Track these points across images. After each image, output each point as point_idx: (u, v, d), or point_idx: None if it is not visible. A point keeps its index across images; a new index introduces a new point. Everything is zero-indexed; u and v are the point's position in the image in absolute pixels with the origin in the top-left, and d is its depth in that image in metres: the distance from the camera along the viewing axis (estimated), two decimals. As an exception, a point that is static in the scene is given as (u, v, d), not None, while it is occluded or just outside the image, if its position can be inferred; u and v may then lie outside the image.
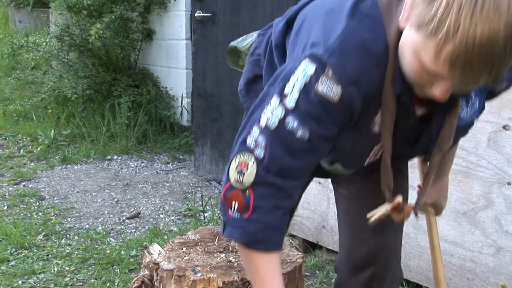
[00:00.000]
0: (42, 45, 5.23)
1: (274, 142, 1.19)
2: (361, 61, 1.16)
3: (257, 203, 1.21)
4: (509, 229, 1.97)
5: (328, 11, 1.23)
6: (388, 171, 1.32)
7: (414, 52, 1.06)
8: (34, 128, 5.02)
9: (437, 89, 1.08)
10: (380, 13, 1.17)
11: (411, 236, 2.27)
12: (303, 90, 1.17)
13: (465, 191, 2.07)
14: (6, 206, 3.53)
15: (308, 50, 1.18)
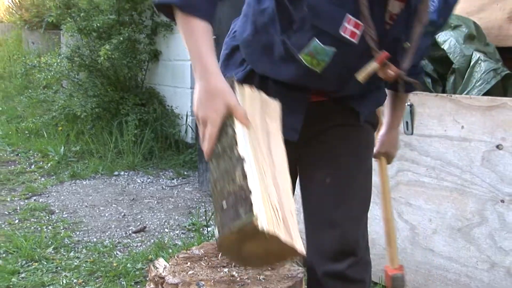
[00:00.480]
0: (53, 65, 5.28)
1: None
2: None
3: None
4: (503, 245, 1.96)
5: None
6: (369, 23, 1.27)
7: None
8: (45, 145, 5.03)
9: None
10: None
11: (408, 251, 2.26)
12: None
13: (460, 208, 2.07)
14: (17, 219, 3.53)
15: None
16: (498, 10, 2.44)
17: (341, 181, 1.54)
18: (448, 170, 2.09)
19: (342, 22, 1.27)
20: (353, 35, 1.29)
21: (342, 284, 1.48)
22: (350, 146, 1.56)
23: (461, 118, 2.03)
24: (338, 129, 1.55)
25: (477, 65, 2.21)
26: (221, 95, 1.17)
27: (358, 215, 1.59)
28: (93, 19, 4.96)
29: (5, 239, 3.18)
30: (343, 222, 1.52)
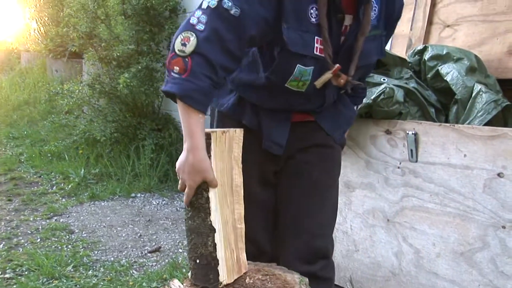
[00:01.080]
0: (75, 92, 5.33)
1: (213, 17, 1.40)
2: None
3: (194, 68, 1.39)
4: (504, 270, 1.95)
5: None
6: (327, 43, 1.49)
7: None
8: (66, 167, 5.06)
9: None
10: None
11: (412, 274, 2.24)
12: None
13: (462, 233, 2.06)
14: (39, 238, 3.54)
15: None
16: (498, 44, 2.46)
17: (316, 197, 1.75)
18: (451, 196, 2.08)
19: (314, 44, 1.50)
20: (321, 52, 1.52)
21: (315, 283, 1.63)
22: (326, 166, 1.77)
23: (463, 147, 2.03)
24: (317, 149, 1.75)
25: (478, 96, 2.22)
26: (202, 172, 1.39)
27: (329, 225, 1.79)
28: (113, 49, 5.02)
29: (27, 257, 3.19)
30: (317, 231, 1.73)
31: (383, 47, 1.67)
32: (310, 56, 1.51)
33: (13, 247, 3.41)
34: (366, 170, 2.38)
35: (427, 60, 2.41)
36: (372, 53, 1.63)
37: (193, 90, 1.41)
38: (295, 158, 1.75)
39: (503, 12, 2.46)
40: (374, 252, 2.40)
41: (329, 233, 1.80)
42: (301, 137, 1.73)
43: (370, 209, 2.39)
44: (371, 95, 2.24)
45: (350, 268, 2.51)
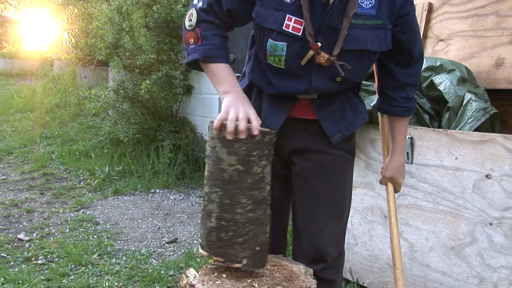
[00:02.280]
0: (101, 97, 5.36)
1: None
2: None
3: (203, 33, 1.50)
4: (491, 263, 1.94)
5: None
6: (307, 22, 1.43)
7: None
8: (92, 165, 5.09)
9: None
10: None
11: (407, 266, 2.24)
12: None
13: (453, 229, 2.05)
14: (68, 229, 3.57)
15: None
16: (486, 57, 2.45)
17: (314, 204, 1.65)
18: (443, 195, 2.08)
19: (284, 21, 1.46)
20: (296, 30, 1.46)
21: (317, 283, 1.54)
22: (325, 173, 1.65)
23: (455, 151, 2.03)
24: (320, 156, 1.64)
25: (468, 104, 2.21)
26: (246, 105, 1.46)
27: (329, 229, 1.67)
28: (136, 58, 5.05)
29: (58, 246, 3.22)
30: (315, 235, 1.65)
31: (388, 40, 1.52)
32: (278, 31, 1.47)
33: (45, 236, 3.43)
34: (366, 171, 2.38)
35: (422, 71, 2.41)
36: (366, 41, 1.49)
37: (209, 50, 1.50)
38: (296, 164, 1.67)
39: (491, 29, 2.45)
40: (372, 245, 2.40)
41: (327, 238, 1.67)
42: (302, 136, 1.64)
43: (369, 206, 2.39)
44: (370, 102, 2.24)
45: (350, 260, 2.51)
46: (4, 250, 3.17)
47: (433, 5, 2.72)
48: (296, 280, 1.47)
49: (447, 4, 2.66)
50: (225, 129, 1.36)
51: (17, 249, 3.19)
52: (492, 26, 2.45)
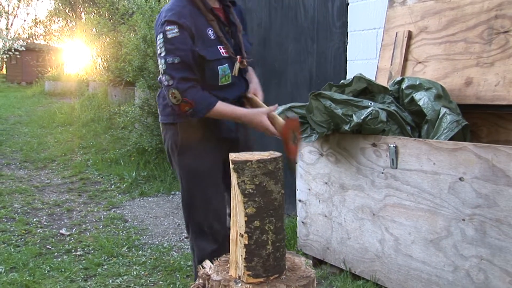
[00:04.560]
0: (129, 112, 5.41)
1: (171, 71, 1.70)
2: (183, 8, 1.74)
3: (191, 98, 1.71)
4: (464, 253, 1.93)
5: None
6: (228, 47, 1.83)
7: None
8: (122, 170, 5.12)
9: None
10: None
11: (392, 256, 2.23)
12: (165, 41, 1.71)
13: (432, 224, 2.05)
14: (101, 225, 3.59)
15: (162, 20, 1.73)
16: (457, 77, 2.46)
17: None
18: (423, 196, 2.08)
19: (220, 50, 1.80)
20: (226, 53, 1.82)
21: None
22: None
23: (433, 157, 2.03)
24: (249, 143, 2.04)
25: (444, 117, 2.21)
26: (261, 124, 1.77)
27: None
28: (159, 79, 5.07)
29: (93, 240, 3.24)
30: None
31: (249, 40, 2.01)
32: (221, 57, 1.80)
33: (82, 231, 3.46)
34: (357, 175, 2.38)
35: (404, 89, 2.41)
36: (246, 43, 1.95)
37: (205, 104, 1.74)
38: (245, 143, 1.97)
39: (461, 53, 2.46)
40: (362, 239, 2.39)
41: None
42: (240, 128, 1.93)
43: (359, 205, 2.39)
44: (360, 115, 2.24)
45: (344, 252, 2.50)
46: (49, 243, 3.19)
47: (412, 33, 2.73)
48: (298, 270, 1.47)
49: (424, 32, 2.67)
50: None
51: (60, 242, 3.21)
52: (462, 51, 2.46)
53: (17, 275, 2.61)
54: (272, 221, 1.35)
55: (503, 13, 2.30)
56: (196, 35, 1.74)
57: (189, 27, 1.72)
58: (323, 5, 3.62)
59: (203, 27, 1.77)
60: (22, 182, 4.86)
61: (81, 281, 2.60)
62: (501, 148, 1.80)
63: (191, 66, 1.72)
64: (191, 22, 1.73)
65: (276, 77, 4.09)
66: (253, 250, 1.34)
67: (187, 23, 1.72)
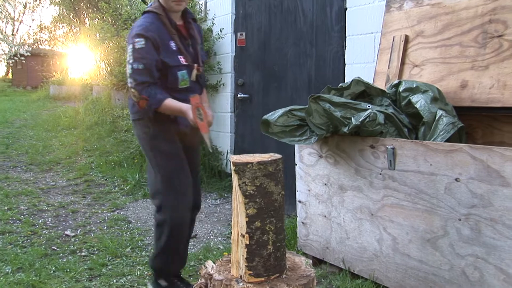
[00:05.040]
0: (132, 116, 5.38)
1: (135, 75, 2.06)
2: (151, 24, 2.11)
3: (148, 94, 2.06)
4: (460, 252, 1.94)
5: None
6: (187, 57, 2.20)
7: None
8: (125, 173, 5.12)
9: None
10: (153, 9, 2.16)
11: (390, 256, 2.24)
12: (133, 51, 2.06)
13: (428, 224, 2.06)
14: (105, 226, 3.59)
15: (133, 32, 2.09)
16: (453, 80, 2.47)
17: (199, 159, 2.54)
18: (420, 196, 2.09)
19: (180, 59, 2.17)
20: (185, 61, 2.19)
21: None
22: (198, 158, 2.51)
23: (429, 158, 2.04)
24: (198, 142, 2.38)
25: (440, 119, 2.22)
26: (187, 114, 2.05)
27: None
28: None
29: (97, 241, 3.24)
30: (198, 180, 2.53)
31: (204, 52, 2.42)
32: (180, 65, 2.15)
33: (87, 232, 3.46)
34: (355, 176, 2.39)
35: (401, 92, 2.43)
36: (203, 55, 2.34)
37: (159, 100, 2.06)
38: (195, 138, 2.29)
39: (456, 56, 2.47)
40: (361, 239, 2.40)
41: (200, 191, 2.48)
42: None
43: (358, 206, 2.40)
44: (359, 118, 2.25)
45: (343, 251, 2.51)
46: (54, 244, 3.20)
47: (409, 37, 2.74)
48: (298, 270, 1.48)
49: (420, 36, 2.68)
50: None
51: (65, 243, 3.22)
52: (457, 54, 2.47)
53: (24, 275, 2.62)
54: (273, 222, 1.36)
55: (497, 18, 2.32)
56: (161, 46, 2.09)
57: (155, 40, 2.07)
58: (322, 9, 3.64)
59: (167, 40, 2.13)
60: (28, 184, 4.87)
61: (86, 281, 2.60)
62: (496, 149, 1.81)
63: (152, 72, 2.07)
64: (157, 35, 2.08)
65: (276, 80, 4.10)
66: (254, 250, 1.35)
67: (153, 36, 2.07)
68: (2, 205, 4.06)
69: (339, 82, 3.28)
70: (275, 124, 2.45)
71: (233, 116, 4.70)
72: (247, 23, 4.41)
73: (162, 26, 2.12)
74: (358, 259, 2.42)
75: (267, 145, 4.04)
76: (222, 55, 4.78)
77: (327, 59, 3.62)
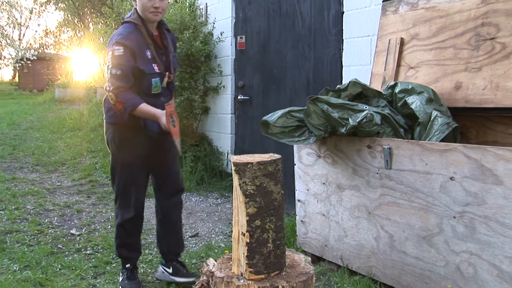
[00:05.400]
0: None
1: (113, 80, 2.17)
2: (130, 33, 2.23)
3: (124, 98, 2.17)
4: (454, 248, 1.94)
5: None
6: (160, 65, 2.31)
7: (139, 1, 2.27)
8: (129, 173, 5.10)
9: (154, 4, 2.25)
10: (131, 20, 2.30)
11: (387, 253, 2.24)
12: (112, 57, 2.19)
13: (424, 221, 2.06)
14: (109, 225, 3.58)
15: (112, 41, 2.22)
16: (447, 81, 2.47)
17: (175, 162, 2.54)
18: (416, 194, 2.09)
19: (154, 67, 2.29)
20: (158, 69, 2.31)
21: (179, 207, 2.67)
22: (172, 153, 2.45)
23: (425, 158, 2.04)
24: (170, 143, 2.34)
25: (435, 120, 2.23)
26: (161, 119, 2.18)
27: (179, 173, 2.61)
28: (164, 86, 5.08)
29: (102, 239, 3.25)
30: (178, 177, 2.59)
31: (176, 61, 2.50)
32: (154, 72, 2.28)
33: (92, 231, 3.46)
34: (353, 175, 2.40)
35: (397, 93, 2.43)
36: (175, 63, 2.44)
37: (133, 103, 2.17)
38: (164, 140, 2.34)
39: (451, 58, 2.47)
40: (359, 236, 2.40)
41: (181, 177, 2.59)
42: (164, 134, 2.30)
43: (356, 204, 2.40)
44: (356, 118, 2.26)
45: (341, 249, 2.51)
46: (60, 242, 3.20)
47: (404, 40, 2.75)
48: (297, 267, 1.47)
49: (415, 39, 2.69)
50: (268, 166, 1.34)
51: (70, 242, 3.22)
52: (451, 56, 2.47)
53: (31, 273, 2.62)
54: (273, 220, 1.36)
55: (489, 21, 2.32)
56: (137, 54, 2.22)
57: (132, 48, 2.20)
58: (320, 13, 3.64)
59: (143, 49, 2.25)
60: (34, 184, 4.87)
61: (91, 279, 2.60)
62: (489, 149, 1.81)
63: (128, 77, 2.19)
64: (135, 44, 2.21)
65: (275, 82, 4.10)
66: (255, 248, 1.35)
67: (131, 45, 2.19)
68: (10, 205, 4.06)
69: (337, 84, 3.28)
70: (275, 125, 2.45)
71: (234, 118, 4.71)
72: (247, 27, 4.41)
73: (140, 36, 2.26)
74: (356, 256, 2.42)
75: (267, 146, 4.04)
76: (223, 58, 4.78)
77: (325, 62, 3.63)
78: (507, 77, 2.21)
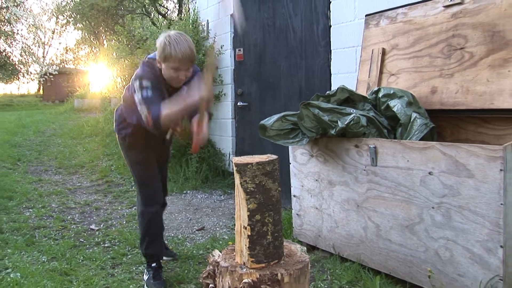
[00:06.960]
0: (147, 124, 5.37)
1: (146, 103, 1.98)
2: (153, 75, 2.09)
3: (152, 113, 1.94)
4: (433, 235, 1.94)
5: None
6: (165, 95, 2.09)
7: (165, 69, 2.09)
8: (141, 174, 5.09)
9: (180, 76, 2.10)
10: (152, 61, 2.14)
11: (374, 241, 2.24)
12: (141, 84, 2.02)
13: (407, 212, 2.06)
14: (125, 221, 3.58)
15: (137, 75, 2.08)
16: (425, 86, 2.48)
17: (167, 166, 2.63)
18: (399, 188, 2.09)
19: (164, 95, 2.08)
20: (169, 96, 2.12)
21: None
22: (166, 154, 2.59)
23: (406, 155, 2.04)
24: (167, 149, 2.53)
25: (415, 121, 2.23)
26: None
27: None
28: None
29: (118, 234, 3.24)
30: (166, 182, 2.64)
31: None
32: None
33: (109, 226, 3.45)
34: (343, 172, 2.40)
35: (380, 97, 2.43)
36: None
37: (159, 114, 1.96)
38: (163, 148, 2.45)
39: (427, 66, 2.48)
40: (348, 227, 2.40)
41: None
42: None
43: (345, 198, 2.40)
44: (344, 121, 2.26)
45: (333, 238, 2.51)
46: (82, 237, 3.19)
47: (385, 50, 2.75)
48: (294, 256, 1.47)
49: (395, 49, 2.69)
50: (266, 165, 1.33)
51: (90, 236, 3.21)
52: (427, 64, 2.48)
53: (57, 263, 2.62)
54: (271, 215, 1.36)
55: (458, 33, 2.33)
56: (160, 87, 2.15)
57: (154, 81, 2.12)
58: (309, 27, 3.65)
59: (162, 87, 2.16)
60: (57, 185, 4.86)
61: (110, 269, 2.60)
62: (462, 146, 1.81)
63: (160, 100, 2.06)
64: (154, 80, 2.12)
65: (271, 90, 4.10)
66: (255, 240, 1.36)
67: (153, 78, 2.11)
68: (37, 204, 4.05)
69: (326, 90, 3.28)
70: (271, 128, 2.45)
71: (234, 122, 4.70)
72: (245, 40, 4.41)
73: (157, 75, 2.12)
74: (346, 245, 2.42)
75: (265, 147, 4.04)
76: (223, 68, 4.78)
77: (315, 70, 3.63)
78: (475, 82, 2.22)
